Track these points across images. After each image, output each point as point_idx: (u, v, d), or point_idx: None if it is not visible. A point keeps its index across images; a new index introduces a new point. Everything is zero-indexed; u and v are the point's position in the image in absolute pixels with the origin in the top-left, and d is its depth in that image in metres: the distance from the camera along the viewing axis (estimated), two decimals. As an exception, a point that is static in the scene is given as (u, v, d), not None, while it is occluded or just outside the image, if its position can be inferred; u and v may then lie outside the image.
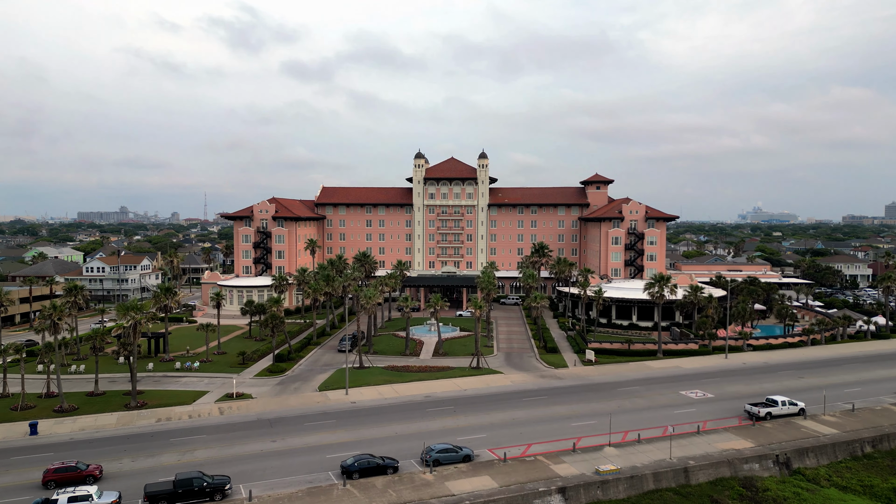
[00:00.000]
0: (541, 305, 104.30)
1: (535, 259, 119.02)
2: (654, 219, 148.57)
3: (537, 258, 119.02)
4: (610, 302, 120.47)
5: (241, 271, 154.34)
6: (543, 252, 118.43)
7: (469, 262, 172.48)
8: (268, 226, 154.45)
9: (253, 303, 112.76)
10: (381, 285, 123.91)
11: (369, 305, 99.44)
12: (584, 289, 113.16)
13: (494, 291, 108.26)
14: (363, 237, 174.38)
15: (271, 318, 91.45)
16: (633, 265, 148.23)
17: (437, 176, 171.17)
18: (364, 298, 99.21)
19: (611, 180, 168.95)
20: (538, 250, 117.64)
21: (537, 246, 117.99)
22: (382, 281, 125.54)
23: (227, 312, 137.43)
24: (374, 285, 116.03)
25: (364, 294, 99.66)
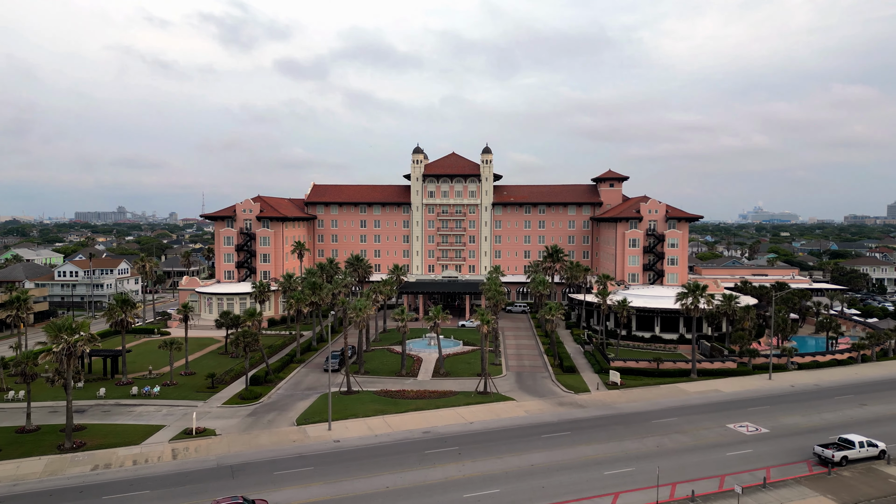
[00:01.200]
0: (556, 318, 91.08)
1: (549, 264, 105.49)
2: (675, 219, 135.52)
3: (550, 263, 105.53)
4: (630, 311, 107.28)
5: (223, 276, 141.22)
6: (558, 257, 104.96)
7: (472, 265, 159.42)
8: (252, 227, 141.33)
9: (229, 314, 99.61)
10: (374, 293, 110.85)
11: (359, 319, 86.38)
12: (604, 298, 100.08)
13: (502, 301, 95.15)
14: (357, 239, 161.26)
15: (243, 336, 78.28)
16: (653, 270, 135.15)
17: (438, 172, 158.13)
18: (353, 311, 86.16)
19: (625, 177, 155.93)
20: (552, 254, 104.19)
21: (551, 249, 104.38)
22: (376, 288, 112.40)
23: (205, 323, 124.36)
24: (366, 294, 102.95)
25: (353, 306, 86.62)
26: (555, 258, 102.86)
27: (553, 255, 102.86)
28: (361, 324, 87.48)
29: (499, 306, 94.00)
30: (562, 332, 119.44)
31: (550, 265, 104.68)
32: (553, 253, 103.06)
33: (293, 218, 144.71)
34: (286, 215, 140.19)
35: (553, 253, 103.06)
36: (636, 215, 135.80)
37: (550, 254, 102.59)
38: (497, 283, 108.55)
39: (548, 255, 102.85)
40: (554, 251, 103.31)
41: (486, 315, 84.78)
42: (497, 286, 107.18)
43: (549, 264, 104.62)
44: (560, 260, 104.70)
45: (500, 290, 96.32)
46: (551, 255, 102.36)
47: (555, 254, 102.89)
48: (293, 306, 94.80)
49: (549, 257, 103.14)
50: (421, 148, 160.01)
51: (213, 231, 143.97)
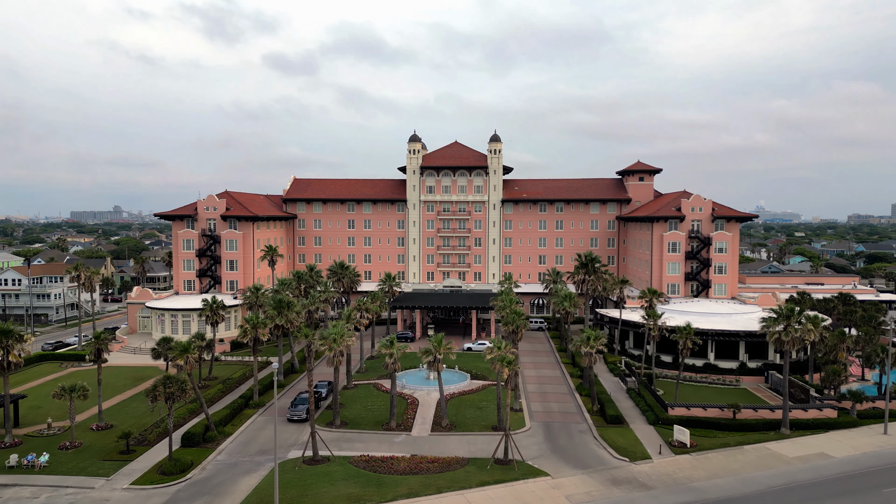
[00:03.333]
0: (596, 350, 68.34)
1: (581, 276, 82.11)
2: (724, 218, 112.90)
3: (583, 275, 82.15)
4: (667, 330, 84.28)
5: (182, 287, 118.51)
6: (593, 267, 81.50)
7: (477, 272, 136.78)
8: (216, 227, 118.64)
9: (169, 342, 76.91)
10: (357, 312, 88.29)
11: (333, 353, 63.79)
12: (654, 319, 77.45)
13: (523, 326, 72.55)
14: (344, 241, 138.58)
15: (164, 383, 55.37)
16: (696, 279, 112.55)
17: (438, 164, 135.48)
18: (324, 342, 63.60)
19: (657, 169, 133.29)
20: (585, 264, 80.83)
21: (584, 258, 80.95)
22: (361, 305, 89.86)
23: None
24: (346, 314, 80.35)
25: (327, 334, 64.12)
26: (589, 269, 79.88)
27: (587, 266, 79.86)
28: (336, 359, 64.86)
29: (519, 332, 71.27)
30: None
31: (584, 277, 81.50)
32: (587, 262, 79.98)
33: (266, 217, 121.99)
34: (257, 214, 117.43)
35: (587, 262, 79.98)
36: (676, 214, 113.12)
37: (584, 263, 79.62)
38: (512, 299, 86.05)
39: (580, 265, 79.92)
40: (588, 260, 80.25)
41: (503, 350, 62.03)
42: (512, 302, 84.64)
43: (581, 276, 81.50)
44: (596, 271, 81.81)
45: (518, 311, 73.68)
46: (585, 264, 79.42)
47: (589, 263, 79.91)
48: (248, 333, 71.96)
49: (581, 268, 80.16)
50: (418, 136, 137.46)
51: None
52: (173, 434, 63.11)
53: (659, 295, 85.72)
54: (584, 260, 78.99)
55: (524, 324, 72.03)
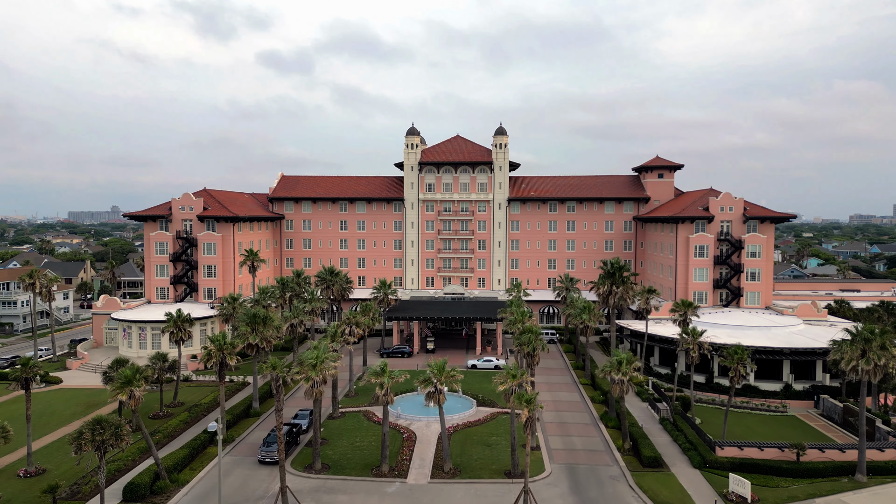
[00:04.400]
0: (630, 379, 56.77)
1: (608, 288, 69.62)
2: (757, 219, 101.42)
3: (611, 286, 69.66)
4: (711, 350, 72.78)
5: (155, 295, 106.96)
6: (621, 277, 69.12)
7: (481, 278, 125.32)
8: (193, 229, 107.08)
9: (121, 364, 65.41)
10: (347, 326, 76.95)
11: (312, 384, 52.35)
12: (694, 338, 65.94)
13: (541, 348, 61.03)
14: (336, 244, 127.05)
15: (94, 429, 43.74)
16: (726, 287, 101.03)
17: (438, 160, 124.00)
18: (300, 371, 52.24)
19: (678, 165, 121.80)
20: (612, 273, 68.45)
21: (613, 265, 68.51)
22: (351, 319, 78.48)
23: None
24: (332, 331, 68.91)
25: (306, 358, 52.81)
26: (616, 278, 67.70)
27: (614, 275, 67.70)
28: (317, 391, 53.39)
29: (536, 356, 59.70)
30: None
31: (610, 289, 69.21)
32: (614, 271, 67.77)
33: (249, 218, 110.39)
34: (237, 214, 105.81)
35: (614, 271, 67.77)
36: (704, 214, 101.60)
37: (610, 272, 67.47)
38: (524, 311, 74.64)
39: (606, 274, 67.80)
40: (616, 268, 68.13)
41: (518, 379, 50.54)
42: (524, 315, 73.26)
43: (607, 287, 69.23)
44: (625, 282, 69.66)
45: (534, 330, 62.15)
46: (611, 273, 67.32)
47: (616, 272, 67.76)
48: (213, 356, 60.31)
49: (607, 277, 68.00)
50: (417, 129, 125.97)
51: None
52: (115, 484, 51.67)
53: (691, 306, 74.13)
54: (611, 268, 67.20)
55: (542, 345, 60.47)
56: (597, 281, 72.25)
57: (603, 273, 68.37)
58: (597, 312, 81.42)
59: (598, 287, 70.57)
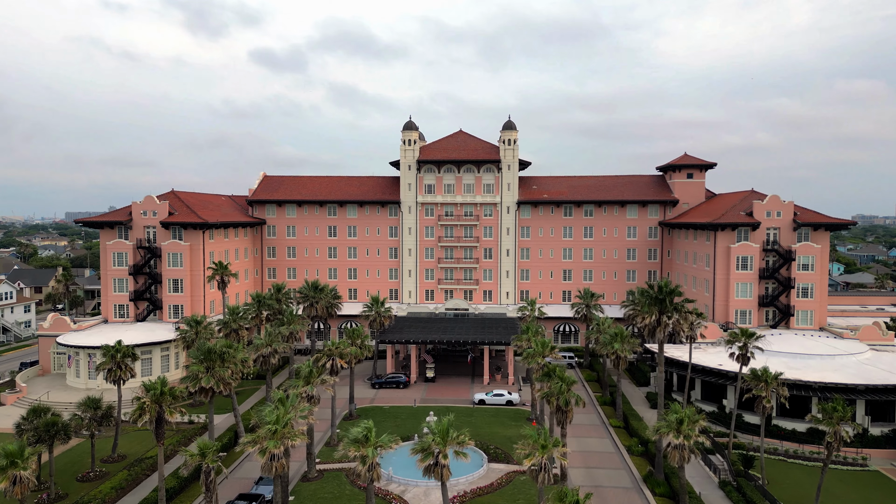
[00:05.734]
0: (694, 441, 42.65)
1: (656, 316, 54.46)
2: (809, 226, 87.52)
3: (659, 314, 54.42)
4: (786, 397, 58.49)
5: (112, 313, 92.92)
6: (671, 303, 54.15)
7: (488, 290, 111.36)
8: (157, 237, 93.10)
9: (40, 415, 51.46)
10: (328, 359, 63.26)
11: (268, 456, 38.46)
12: (769, 382, 51.85)
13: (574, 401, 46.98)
14: (324, 253, 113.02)
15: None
16: (774, 305, 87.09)
17: (439, 158, 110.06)
18: (255, 441, 38.39)
19: (711, 164, 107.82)
20: (661, 298, 53.40)
21: (662, 289, 53.65)
22: (333, 350, 64.63)
23: (58, 401, 75.63)
24: (304, 373, 54.88)
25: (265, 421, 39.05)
26: (667, 305, 53.04)
27: (664, 300, 53.13)
28: (277, 465, 39.37)
29: (569, 412, 45.65)
30: (642, 410, 71.48)
31: (658, 318, 54.14)
32: (665, 296, 53.14)
33: (221, 224, 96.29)
34: (207, 220, 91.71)
35: (665, 296, 53.14)
36: (748, 220, 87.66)
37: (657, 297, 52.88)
38: (544, 341, 60.89)
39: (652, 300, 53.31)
40: (666, 293, 53.58)
41: (550, 450, 36.68)
42: (545, 347, 59.48)
43: (654, 316, 54.13)
44: (679, 309, 54.94)
45: (565, 378, 48.14)
46: (659, 298, 52.77)
47: (667, 297, 53.21)
48: (147, 411, 46.19)
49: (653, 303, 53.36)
50: (415, 124, 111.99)
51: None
52: None
53: (753, 336, 59.96)
54: (659, 292, 53.10)
55: (576, 398, 46.47)
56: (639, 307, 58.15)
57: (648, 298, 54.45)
58: (631, 341, 67.44)
59: (641, 314, 56.52)
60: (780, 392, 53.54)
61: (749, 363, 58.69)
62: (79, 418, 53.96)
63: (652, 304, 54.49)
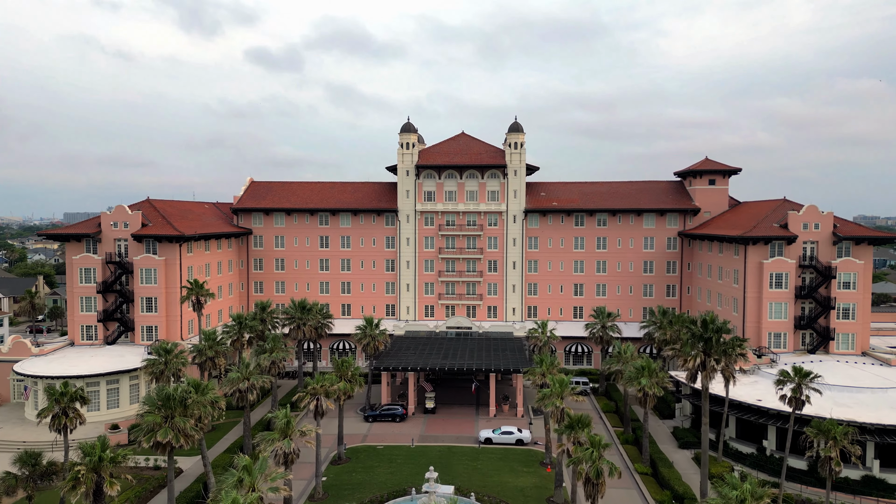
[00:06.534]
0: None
1: (699, 357, 45.47)
2: (851, 239, 78.97)
3: (704, 355, 45.36)
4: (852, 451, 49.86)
5: (79, 335, 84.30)
6: (719, 343, 45.24)
7: (492, 306, 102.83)
8: (128, 251, 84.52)
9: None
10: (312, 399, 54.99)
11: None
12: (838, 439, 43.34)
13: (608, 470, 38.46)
14: (314, 265, 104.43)
15: None
16: (812, 327, 78.55)
17: (440, 162, 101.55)
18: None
19: (735, 169, 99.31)
20: (706, 337, 43.95)
21: (708, 325, 44.34)
22: (317, 389, 56.26)
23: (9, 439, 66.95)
24: (280, 424, 46.38)
25: None
26: (713, 345, 44.00)
27: (710, 340, 44.19)
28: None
29: (601, 485, 37.18)
30: (670, 451, 63.07)
31: (703, 359, 45.49)
32: (712, 335, 44.21)
33: (200, 236, 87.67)
34: (183, 233, 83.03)
35: (712, 335, 44.21)
36: (783, 233, 79.07)
37: (702, 335, 43.93)
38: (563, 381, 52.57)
39: (695, 337, 44.69)
40: (714, 330, 44.78)
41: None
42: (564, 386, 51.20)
43: (699, 358, 45.54)
44: (729, 352, 46.16)
45: (595, 439, 39.61)
46: (705, 337, 43.81)
47: (714, 336, 44.32)
48: (82, 480, 37.62)
49: (697, 339, 44.74)
50: (413, 126, 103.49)
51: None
52: None
53: (808, 376, 51.39)
54: (704, 329, 44.47)
55: (611, 468, 37.93)
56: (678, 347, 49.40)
57: (689, 336, 45.81)
58: (660, 375, 58.85)
59: (683, 357, 47.80)
60: (852, 451, 44.89)
61: (804, 407, 50.10)
62: (12, 478, 45.40)
63: (694, 342, 45.79)
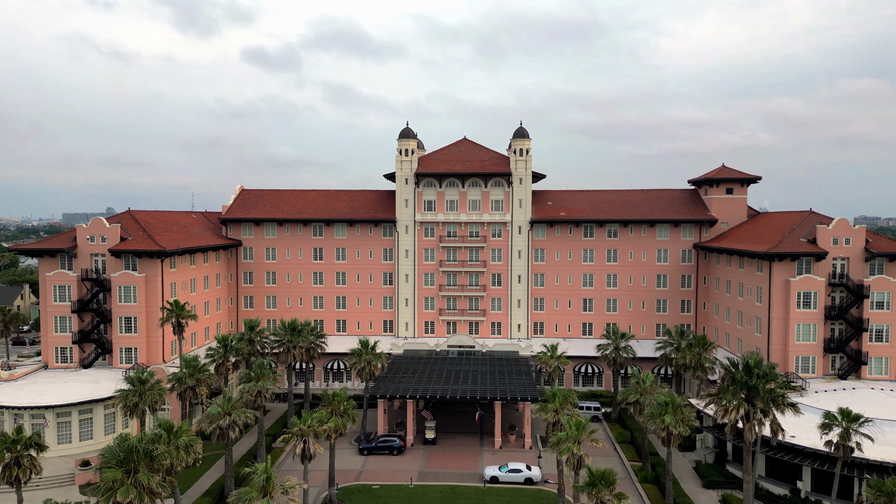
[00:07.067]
0: None
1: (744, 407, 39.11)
2: (885, 256, 73.12)
3: (749, 405, 38.77)
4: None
5: (53, 357, 78.48)
6: (767, 392, 38.91)
7: (496, 322, 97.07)
8: (106, 267, 78.69)
9: None
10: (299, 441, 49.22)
11: None
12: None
13: None
14: (307, 279, 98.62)
15: None
16: (843, 351, 72.73)
17: (440, 170, 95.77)
18: None
19: (754, 178, 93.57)
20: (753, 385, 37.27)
21: (752, 370, 37.74)
22: (305, 430, 50.56)
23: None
24: (259, 480, 40.55)
25: None
26: (762, 395, 37.98)
27: (756, 387, 38.13)
28: None
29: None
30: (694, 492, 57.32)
31: (748, 408, 39.68)
32: (758, 382, 38.34)
33: (184, 251, 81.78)
34: (165, 248, 77.13)
35: (758, 382, 38.34)
36: (813, 248, 73.23)
37: (749, 383, 37.76)
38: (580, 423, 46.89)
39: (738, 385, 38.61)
40: (759, 375, 38.71)
41: None
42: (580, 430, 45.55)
43: (742, 408, 39.57)
44: (778, 401, 40.21)
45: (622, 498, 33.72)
46: (749, 385, 37.87)
47: (760, 383, 38.34)
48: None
49: (741, 386, 38.69)
50: (412, 131, 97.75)
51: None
52: None
53: (857, 420, 45.56)
54: (748, 375, 38.48)
55: None
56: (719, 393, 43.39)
57: (730, 379, 39.85)
58: (685, 411, 53.02)
59: (725, 408, 41.84)
60: None
61: (851, 454, 44.28)
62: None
63: (736, 390, 39.83)
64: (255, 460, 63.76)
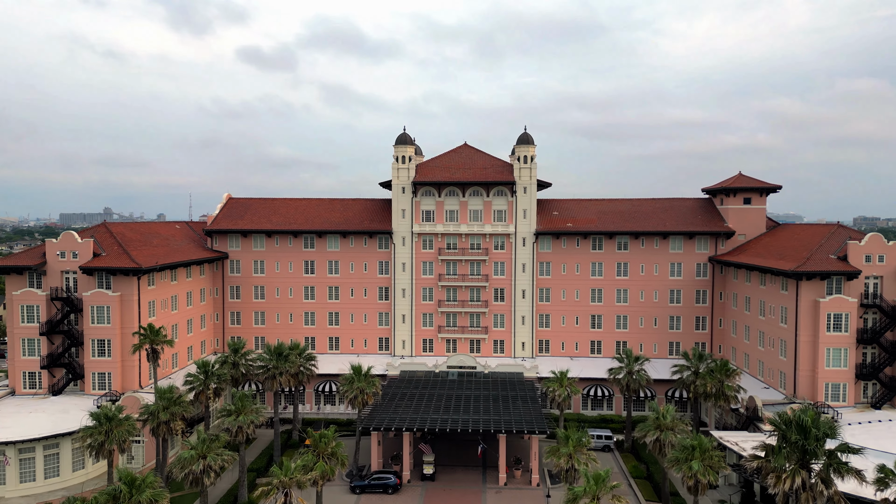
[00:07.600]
0: None
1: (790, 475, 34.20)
2: (921, 274, 67.29)
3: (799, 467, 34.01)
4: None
5: (21, 383, 72.57)
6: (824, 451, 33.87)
7: (499, 340, 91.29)
8: (77, 287, 72.80)
9: None
10: (283, 493, 43.33)
11: None
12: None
13: None
14: (298, 294, 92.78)
15: None
16: (877, 378, 67.02)
17: (440, 179, 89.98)
18: None
19: (775, 187, 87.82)
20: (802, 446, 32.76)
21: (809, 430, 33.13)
22: (288, 481, 44.71)
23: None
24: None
25: None
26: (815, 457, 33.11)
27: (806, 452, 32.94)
28: None
29: None
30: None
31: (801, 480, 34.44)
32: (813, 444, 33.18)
33: (164, 267, 75.80)
34: (140, 265, 71.20)
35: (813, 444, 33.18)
36: (845, 267, 67.49)
37: (799, 444, 32.34)
38: (600, 476, 41.14)
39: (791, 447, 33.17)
40: (814, 437, 33.43)
41: None
42: (600, 483, 39.78)
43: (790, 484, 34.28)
44: (838, 467, 34.88)
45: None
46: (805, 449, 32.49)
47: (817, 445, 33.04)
48: None
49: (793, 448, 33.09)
50: (410, 136, 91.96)
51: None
52: None
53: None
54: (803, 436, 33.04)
55: None
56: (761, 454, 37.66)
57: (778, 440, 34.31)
58: (713, 455, 47.25)
59: (775, 477, 36.16)
60: None
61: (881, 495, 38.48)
62: None
63: (790, 453, 34.00)
64: (235, 502, 58.05)
